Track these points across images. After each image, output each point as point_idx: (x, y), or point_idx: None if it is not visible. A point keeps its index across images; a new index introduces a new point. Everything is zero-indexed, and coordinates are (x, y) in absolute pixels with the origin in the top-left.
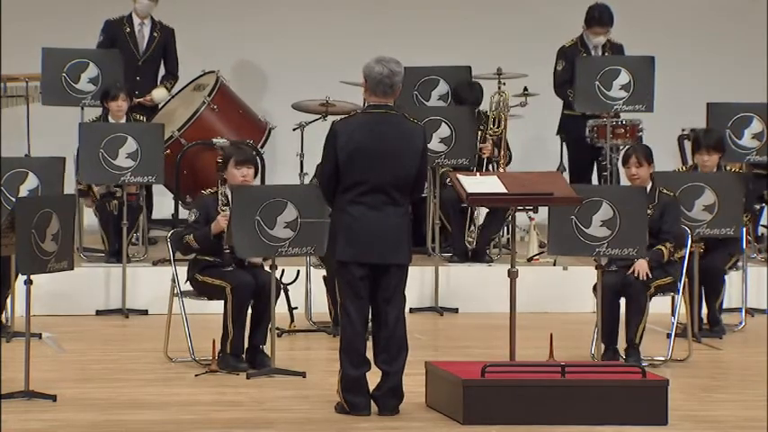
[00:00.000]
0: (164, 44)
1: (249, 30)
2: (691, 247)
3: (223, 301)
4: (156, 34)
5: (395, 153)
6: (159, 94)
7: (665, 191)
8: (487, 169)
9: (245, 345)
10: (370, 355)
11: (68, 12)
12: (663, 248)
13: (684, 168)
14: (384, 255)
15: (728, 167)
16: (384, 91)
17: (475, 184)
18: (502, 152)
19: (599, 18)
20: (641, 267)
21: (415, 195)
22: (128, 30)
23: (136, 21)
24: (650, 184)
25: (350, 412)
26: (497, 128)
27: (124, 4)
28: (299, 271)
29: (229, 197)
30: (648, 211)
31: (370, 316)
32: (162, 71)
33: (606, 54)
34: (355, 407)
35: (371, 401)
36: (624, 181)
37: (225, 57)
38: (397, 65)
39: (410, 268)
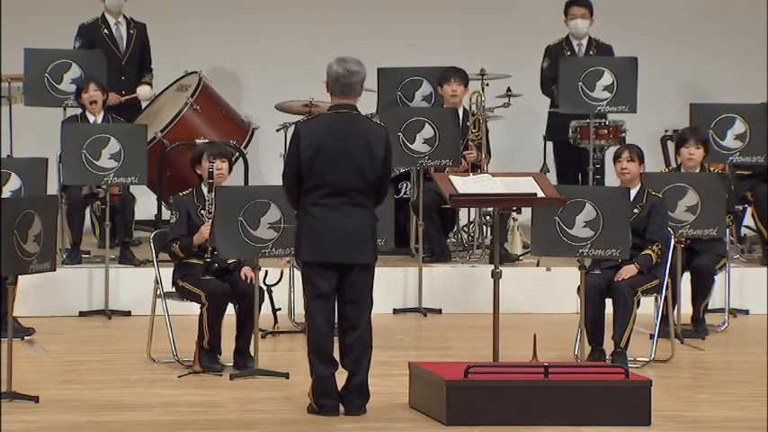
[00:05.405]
0: (141, 41)
1: (232, 30)
2: (673, 247)
3: (200, 306)
4: (132, 31)
5: (356, 154)
6: (144, 91)
7: (653, 192)
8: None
9: (222, 347)
10: (337, 355)
11: (50, 13)
12: (651, 253)
13: (669, 170)
14: (346, 254)
15: (711, 168)
16: (342, 90)
17: (468, 184)
18: (483, 155)
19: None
20: (629, 273)
21: (378, 200)
22: (105, 31)
23: (111, 20)
24: (639, 185)
25: (320, 413)
26: (478, 131)
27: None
28: (282, 272)
29: (205, 193)
30: (635, 211)
31: (335, 316)
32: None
33: (591, 52)
34: (324, 408)
35: (340, 402)
36: (611, 181)
37: (208, 57)
38: (356, 65)
39: (394, 269)
